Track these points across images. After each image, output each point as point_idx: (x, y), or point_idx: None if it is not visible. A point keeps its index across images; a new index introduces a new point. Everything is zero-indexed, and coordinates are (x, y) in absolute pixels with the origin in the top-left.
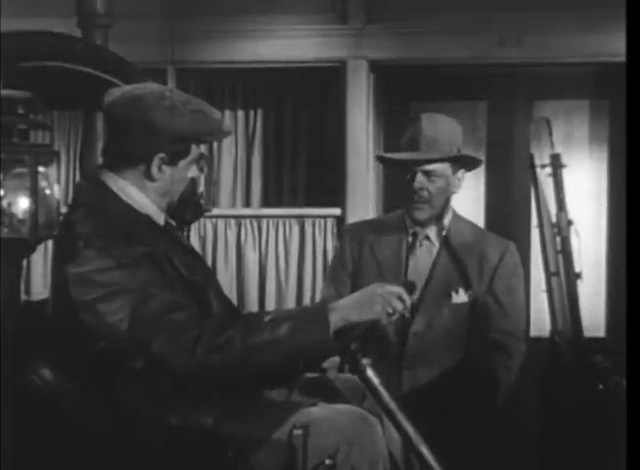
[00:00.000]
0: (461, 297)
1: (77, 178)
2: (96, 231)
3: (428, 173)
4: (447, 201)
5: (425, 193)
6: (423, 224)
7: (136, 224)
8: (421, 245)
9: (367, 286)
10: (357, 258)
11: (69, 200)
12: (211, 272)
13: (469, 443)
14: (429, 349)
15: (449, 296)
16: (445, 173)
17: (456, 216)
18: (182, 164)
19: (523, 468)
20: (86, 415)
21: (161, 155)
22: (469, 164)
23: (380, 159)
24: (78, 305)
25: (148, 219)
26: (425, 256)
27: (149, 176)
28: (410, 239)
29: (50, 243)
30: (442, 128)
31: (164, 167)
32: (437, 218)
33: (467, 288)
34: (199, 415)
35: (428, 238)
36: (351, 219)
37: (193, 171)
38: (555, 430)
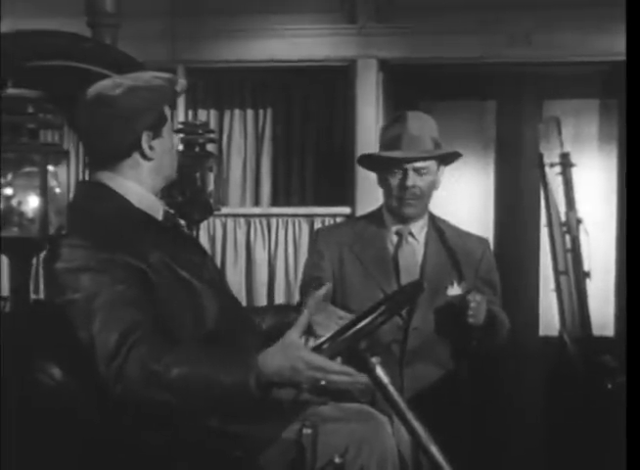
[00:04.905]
0: (455, 289)
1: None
2: (84, 233)
3: (417, 170)
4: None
5: (417, 190)
6: (411, 220)
7: (130, 227)
8: (407, 241)
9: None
10: (337, 260)
11: None
12: (216, 266)
13: (475, 440)
14: (427, 343)
15: (445, 289)
16: (432, 169)
17: (431, 214)
18: (165, 131)
19: (530, 466)
20: (94, 415)
21: (147, 132)
22: (448, 159)
23: (364, 159)
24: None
25: (144, 218)
26: (412, 252)
27: (145, 157)
28: (395, 236)
29: None
30: (426, 126)
31: (153, 143)
32: (422, 215)
33: (460, 280)
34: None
35: (412, 234)
36: None
37: (176, 140)
38: (563, 428)
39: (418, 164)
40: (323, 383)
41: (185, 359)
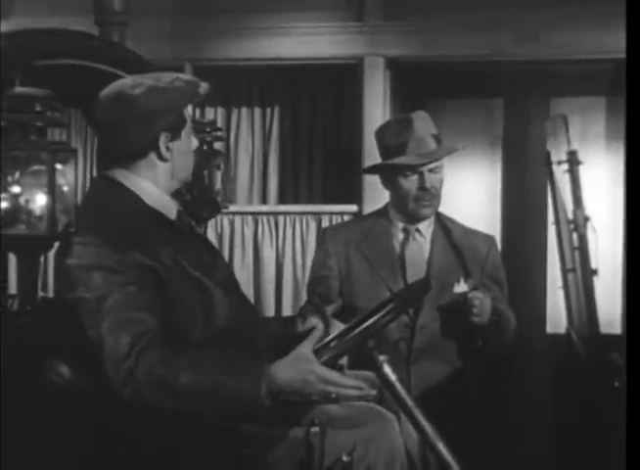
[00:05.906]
0: (462, 286)
1: (94, 176)
2: (96, 230)
3: (432, 170)
4: None
5: (433, 190)
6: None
7: (143, 225)
8: (414, 239)
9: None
10: (344, 258)
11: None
12: (229, 269)
13: (482, 438)
14: (435, 341)
15: (451, 286)
16: (442, 166)
17: (438, 212)
18: (183, 134)
19: (538, 463)
20: (102, 413)
21: (165, 134)
22: None
23: (375, 167)
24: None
25: (157, 217)
26: (419, 249)
27: (161, 158)
28: (402, 234)
29: None
30: (427, 125)
31: (170, 144)
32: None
33: (466, 277)
34: None
35: (419, 231)
36: None
37: (194, 142)
38: (570, 425)
39: (432, 165)
40: (333, 396)
41: (194, 365)
